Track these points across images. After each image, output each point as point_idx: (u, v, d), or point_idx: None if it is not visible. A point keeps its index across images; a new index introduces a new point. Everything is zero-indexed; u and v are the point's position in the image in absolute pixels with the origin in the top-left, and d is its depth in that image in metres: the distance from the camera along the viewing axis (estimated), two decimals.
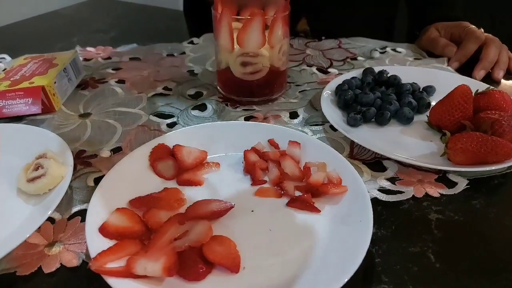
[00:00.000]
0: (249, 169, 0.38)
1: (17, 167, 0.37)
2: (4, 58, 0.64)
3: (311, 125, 0.47)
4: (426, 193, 0.37)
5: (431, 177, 0.38)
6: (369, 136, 0.44)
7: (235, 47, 0.47)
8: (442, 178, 0.38)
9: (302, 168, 0.38)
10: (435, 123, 0.44)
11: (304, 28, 0.76)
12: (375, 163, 0.41)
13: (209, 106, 0.51)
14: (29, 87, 0.45)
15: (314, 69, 0.61)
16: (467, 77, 0.55)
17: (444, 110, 0.43)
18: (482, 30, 0.62)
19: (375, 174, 0.39)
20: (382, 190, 0.37)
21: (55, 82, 0.48)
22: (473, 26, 0.63)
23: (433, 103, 0.48)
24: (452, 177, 0.38)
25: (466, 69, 0.60)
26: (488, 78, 0.58)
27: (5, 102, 0.45)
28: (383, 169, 0.40)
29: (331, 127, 0.45)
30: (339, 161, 0.37)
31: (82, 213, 0.34)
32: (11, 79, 0.48)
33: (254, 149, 0.40)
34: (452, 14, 0.69)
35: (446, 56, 0.63)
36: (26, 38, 0.74)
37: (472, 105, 0.43)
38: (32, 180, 0.34)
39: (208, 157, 0.40)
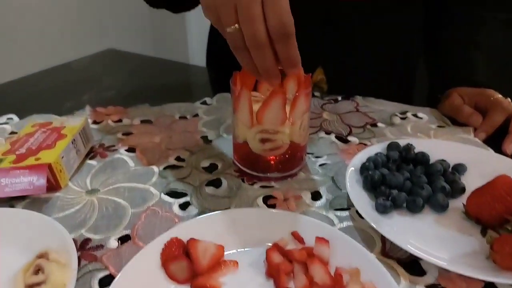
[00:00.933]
0: (272, 273, 0.34)
1: (14, 264, 0.34)
2: (11, 118, 0.62)
3: (336, 210, 0.43)
4: None
5: (478, 285, 0.34)
6: (401, 227, 0.40)
7: (254, 123, 0.44)
8: (490, 285, 0.34)
9: (332, 274, 0.34)
10: (474, 215, 0.40)
11: (320, 78, 0.74)
12: (412, 263, 0.36)
13: (224, 182, 0.48)
14: (35, 164, 0.42)
15: (333, 137, 0.58)
16: (500, 155, 0.52)
17: (483, 202, 0.39)
18: (510, 100, 0.60)
19: (413, 279, 0.35)
20: None
21: (62, 157, 0.45)
22: (500, 96, 0.60)
23: (465, 183, 0.45)
24: (502, 286, 0.34)
25: (492, 138, 0.57)
26: None
27: (8, 181, 0.42)
28: (422, 272, 0.36)
29: (358, 212, 0.42)
30: (374, 266, 0.33)
31: None
32: (17, 152, 0.45)
33: (277, 246, 0.36)
34: (475, 78, 0.66)
35: (471, 126, 0.60)
36: (36, 95, 0.73)
37: None
38: (31, 286, 0.31)
39: (225, 253, 0.36)
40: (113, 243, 0.38)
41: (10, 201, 0.43)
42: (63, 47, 1.41)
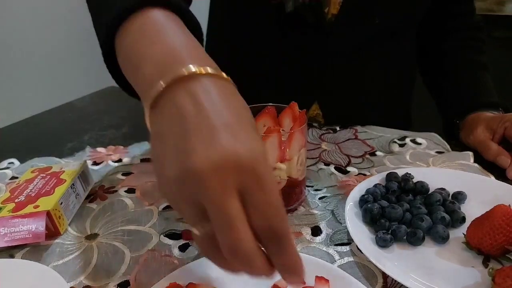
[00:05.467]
0: None
1: None
2: (12, 163, 0.62)
3: (336, 245, 0.43)
4: None
5: None
6: (402, 261, 0.40)
7: None
8: None
9: None
10: (475, 246, 0.40)
11: (316, 114, 0.75)
12: None
13: None
14: (33, 212, 0.43)
15: (332, 168, 0.59)
16: (500, 182, 0.51)
17: (484, 233, 0.39)
18: None
19: None
20: None
21: (61, 203, 0.45)
22: None
23: (465, 212, 0.45)
24: None
25: (493, 164, 0.57)
26: None
27: (7, 230, 0.42)
28: None
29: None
30: None
31: None
32: (16, 200, 0.45)
33: None
34: (491, 100, 0.67)
35: (498, 165, 0.57)
36: (37, 136, 0.74)
37: None
38: None
39: None
40: None
41: (10, 250, 0.43)
42: (63, 86, 1.44)
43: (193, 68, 0.28)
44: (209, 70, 0.28)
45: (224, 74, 0.30)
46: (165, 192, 0.28)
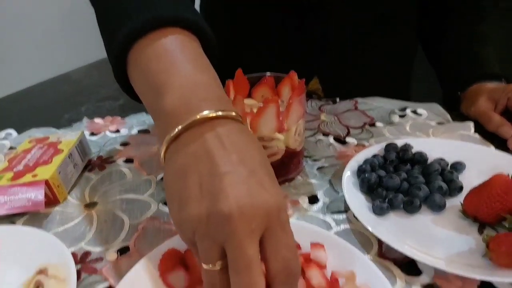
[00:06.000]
0: None
1: (15, 280, 0.35)
2: (10, 134, 0.62)
3: (333, 213, 0.43)
4: None
5: (473, 283, 0.34)
6: (398, 229, 0.40)
7: None
8: (486, 284, 0.34)
9: (328, 277, 0.34)
10: (471, 214, 0.40)
11: (316, 87, 0.74)
12: (408, 263, 0.36)
13: None
14: (32, 181, 0.43)
15: (331, 139, 0.58)
16: (500, 152, 0.51)
17: (481, 201, 0.39)
18: None
19: (409, 280, 0.35)
20: None
21: (59, 172, 0.45)
22: None
23: (463, 181, 0.45)
24: (497, 283, 0.34)
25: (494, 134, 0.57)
26: None
27: (7, 198, 0.42)
28: (418, 271, 0.36)
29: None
30: (368, 269, 0.33)
31: None
32: (14, 169, 0.45)
33: None
34: (492, 71, 0.65)
35: (500, 136, 0.56)
36: (34, 108, 0.74)
37: None
38: None
39: None
40: (112, 255, 0.39)
41: (11, 218, 0.44)
42: (60, 58, 1.42)
43: (218, 112, 0.29)
44: (233, 113, 0.30)
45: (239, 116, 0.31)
46: (184, 229, 0.28)
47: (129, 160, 0.54)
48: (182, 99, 0.30)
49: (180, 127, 0.29)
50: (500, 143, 0.55)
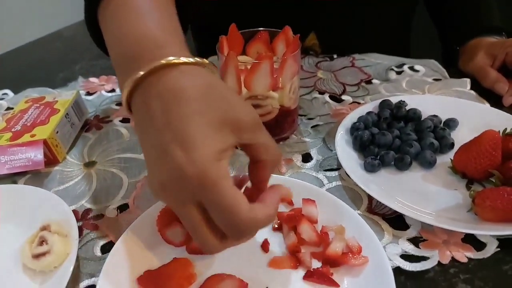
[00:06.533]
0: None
1: (19, 237, 0.36)
2: (6, 94, 0.62)
3: (326, 170, 0.45)
4: (452, 257, 0.34)
5: (458, 236, 0.36)
6: (389, 185, 0.41)
7: (243, 90, 0.44)
8: (470, 237, 0.36)
9: (319, 231, 0.35)
10: (460, 170, 0.41)
11: (312, 43, 0.73)
12: (396, 218, 0.38)
13: None
14: (31, 141, 0.43)
15: (326, 97, 0.58)
16: (494, 109, 0.51)
17: (470, 157, 0.40)
18: None
19: (396, 233, 0.37)
20: (405, 255, 0.34)
21: (57, 132, 0.46)
22: None
23: (455, 138, 0.46)
24: (481, 237, 0.36)
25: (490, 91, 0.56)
26: None
27: (7, 158, 0.43)
28: (405, 226, 0.37)
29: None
30: (357, 223, 0.35)
31: None
32: (12, 129, 0.46)
33: None
34: (492, 24, 0.64)
35: (496, 92, 0.56)
36: (29, 67, 0.72)
37: (501, 149, 0.39)
38: (37, 256, 0.33)
39: None
40: (112, 212, 0.40)
41: (13, 177, 0.45)
42: (51, 15, 1.37)
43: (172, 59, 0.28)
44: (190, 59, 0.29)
45: (204, 61, 0.30)
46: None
47: (125, 120, 0.55)
48: (137, 47, 0.30)
49: (136, 77, 0.28)
50: (496, 101, 0.54)
